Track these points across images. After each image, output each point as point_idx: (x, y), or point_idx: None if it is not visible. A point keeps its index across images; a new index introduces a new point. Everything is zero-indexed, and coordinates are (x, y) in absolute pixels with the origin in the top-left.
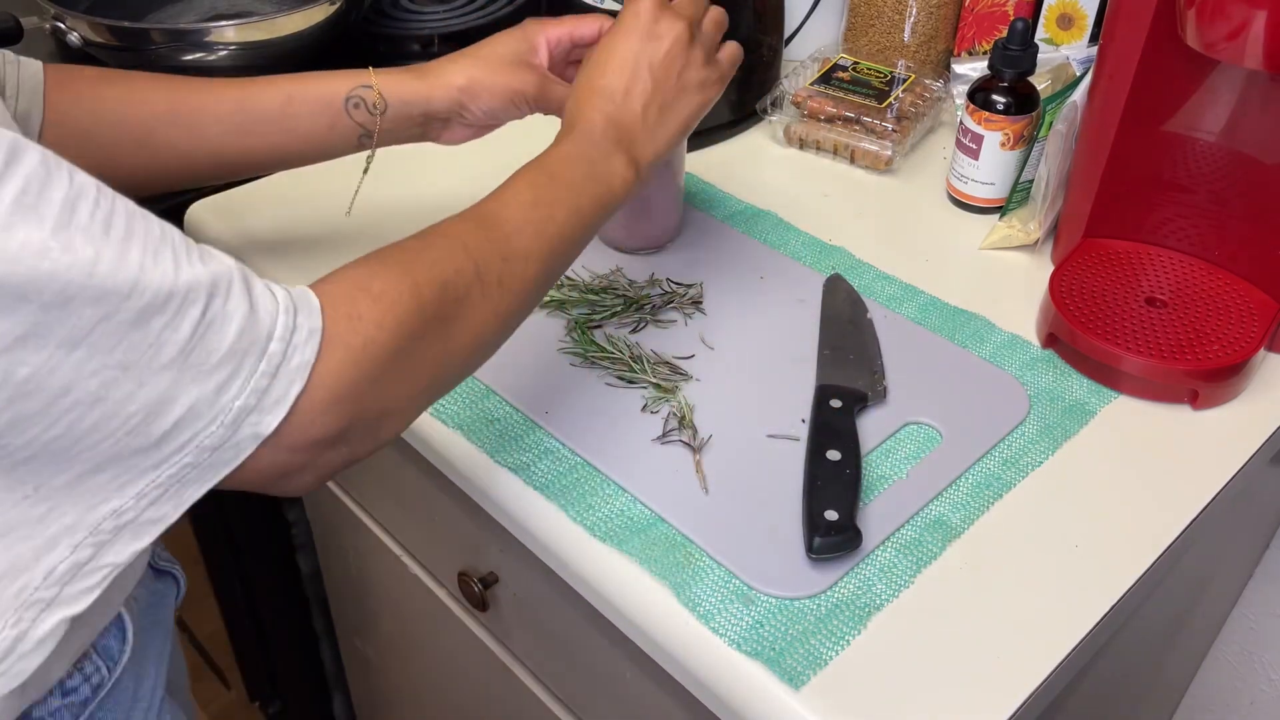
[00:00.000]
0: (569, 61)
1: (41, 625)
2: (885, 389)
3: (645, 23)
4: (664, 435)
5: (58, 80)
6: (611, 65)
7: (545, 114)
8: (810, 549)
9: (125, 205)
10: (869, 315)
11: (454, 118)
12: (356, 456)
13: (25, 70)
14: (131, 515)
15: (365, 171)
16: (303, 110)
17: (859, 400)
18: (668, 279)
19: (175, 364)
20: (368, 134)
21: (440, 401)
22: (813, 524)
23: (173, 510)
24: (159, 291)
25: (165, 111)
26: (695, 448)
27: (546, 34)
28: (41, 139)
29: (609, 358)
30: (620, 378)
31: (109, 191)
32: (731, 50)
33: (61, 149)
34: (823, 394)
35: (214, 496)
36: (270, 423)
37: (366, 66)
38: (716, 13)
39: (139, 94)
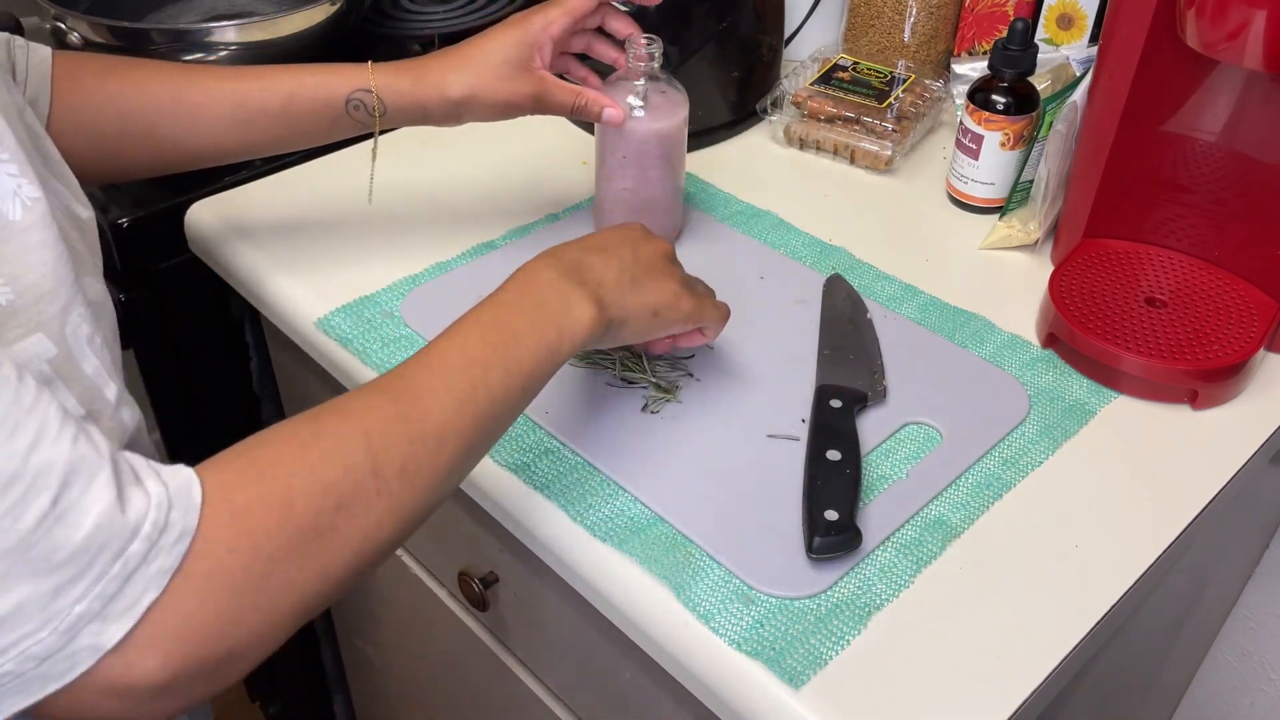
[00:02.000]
0: (567, 52)
1: None
2: (885, 389)
3: (638, 230)
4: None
5: (66, 70)
6: (592, 240)
7: (544, 115)
8: (810, 549)
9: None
10: (869, 315)
11: (452, 120)
12: (187, 707)
13: (34, 56)
14: None
15: (373, 160)
16: (304, 109)
17: (859, 400)
18: None
19: (10, 556)
20: (369, 120)
21: None
22: (813, 524)
23: None
24: (1, 473)
25: (168, 104)
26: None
27: (549, 31)
28: (50, 125)
29: (609, 358)
30: (621, 378)
31: None
32: (720, 306)
33: (72, 138)
34: (822, 394)
35: None
36: (114, 634)
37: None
38: (716, 307)
39: (142, 86)
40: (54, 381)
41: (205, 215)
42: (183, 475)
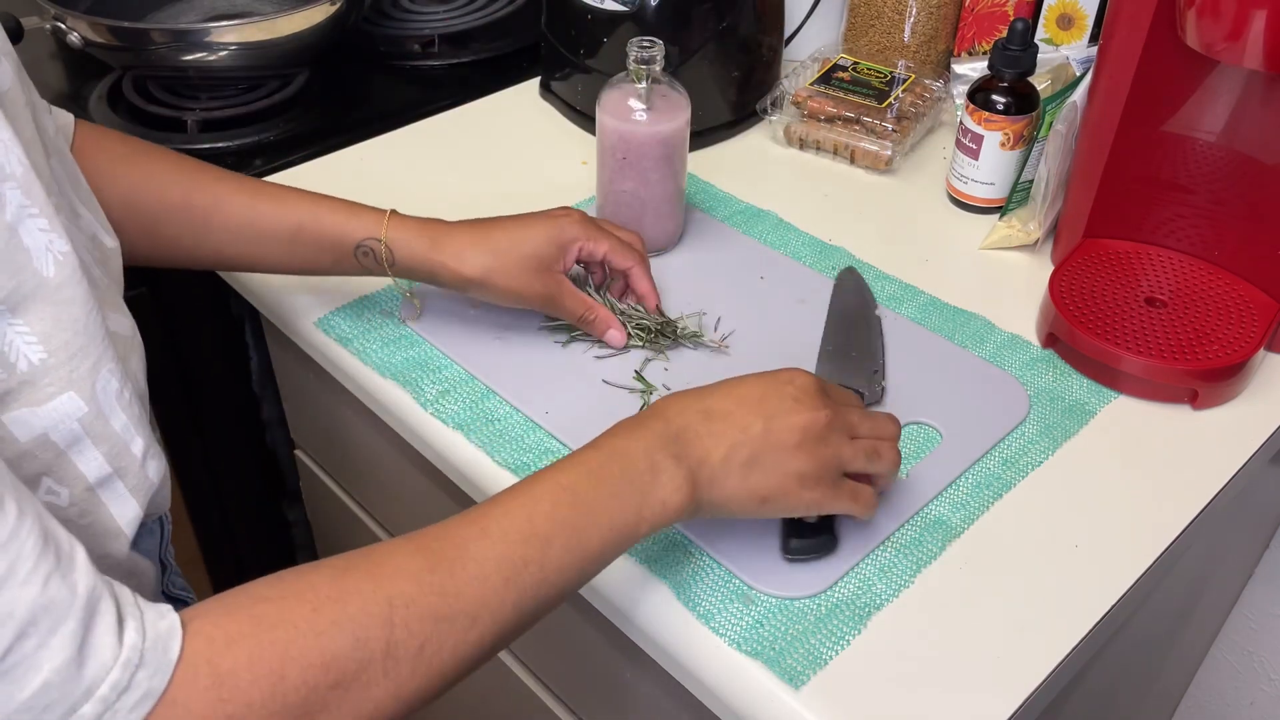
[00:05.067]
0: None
1: None
2: (884, 389)
3: (794, 388)
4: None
5: (86, 142)
6: (734, 392)
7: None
8: (785, 550)
9: None
10: (878, 312)
11: (458, 290)
12: None
13: (59, 119)
14: None
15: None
16: (311, 244)
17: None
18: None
19: None
20: (375, 267)
21: (441, 401)
22: (790, 525)
23: None
24: None
25: (177, 205)
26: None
27: (582, 245)
28: None
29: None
30: (641, 343)
31: None
32: (862, 493)
33: None
34: None
35: (215, 497)
36: None
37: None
38: (875, 445)
39: (156, 179)
40: (81, 440)
41: None
42: (165, 624)
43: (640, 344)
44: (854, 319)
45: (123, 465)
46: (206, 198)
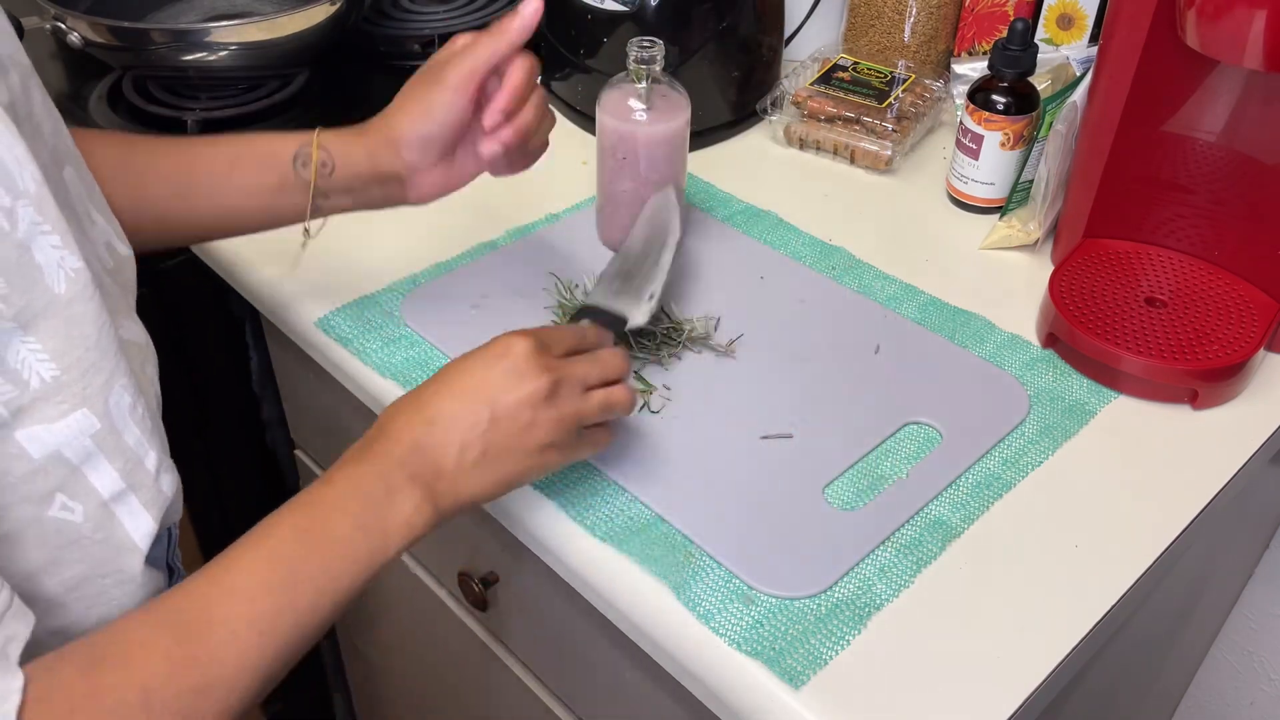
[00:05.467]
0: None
1: None
2: (653, 311)
3: (510, 360)
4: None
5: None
6: (453, 386)
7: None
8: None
9: None
10: (679, 237)
11: (404, 165)
12: None
13: None
14: None
15: (304, 242)
16: (251, 167)
17: (618, 324)
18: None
19: None
20: (321, 193)
21: None
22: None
23: None
24: None
25: (113, 167)
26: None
27: (472, 66)
28: None
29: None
30: (645, 354)
31: None
32: (598, 436)
33: None
34: (579, 316)
35: (215, 495)
36: None
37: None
38: (608, 395)
39: (88, 146)
40: (95, 455)
41: None
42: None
43: (644, 356)
44: (650, 241)
45: (136, 480)
46: (138, 158)
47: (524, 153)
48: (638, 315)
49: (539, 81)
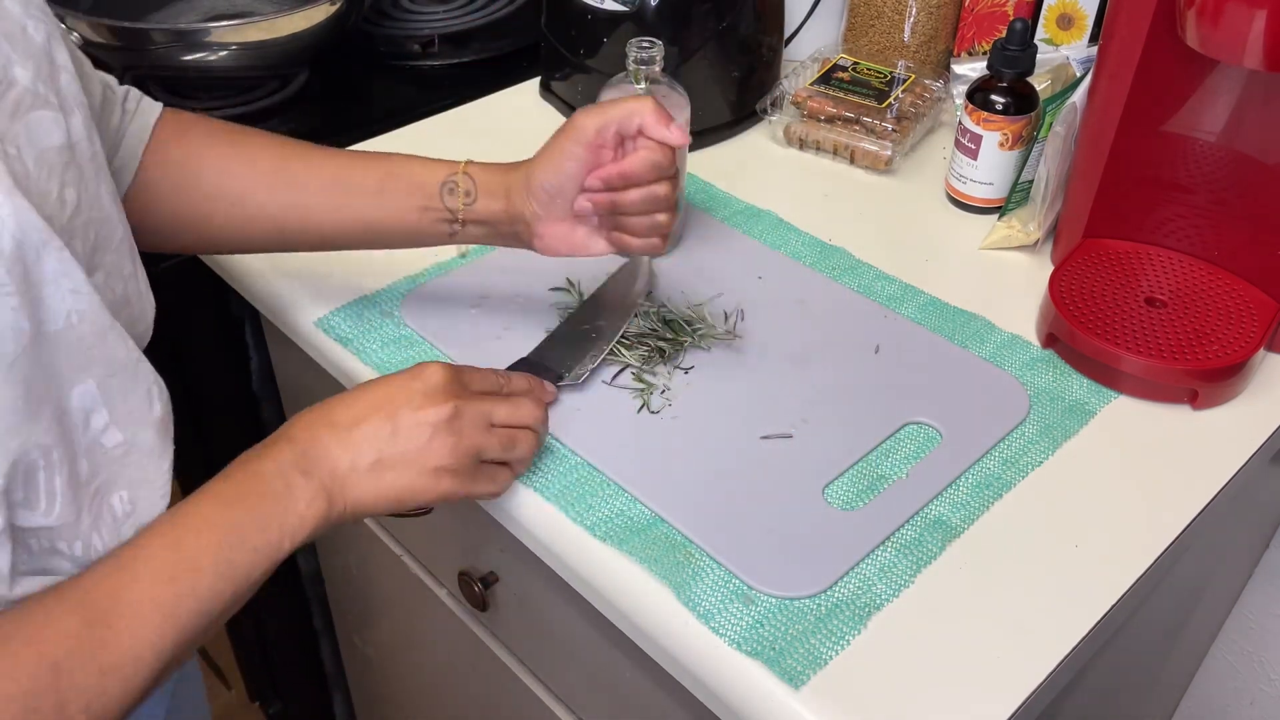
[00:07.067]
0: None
1: None
2: (590, 373)
3: (420, 383)
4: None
5: (175, 129)
6: (362, 398)
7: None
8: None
9: None
10: (644, 304)
11: (531, 211)
12: None
13: (138, 121)
14: None
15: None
16: (400, 189)
17: (552, 379)
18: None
19: None
20: (457, 222)
21: None
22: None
23: None
24: None
25: (268, 171)
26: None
27: (592, 121)
28: (135, 182)
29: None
30: (639, 353)
31: None
32: (498, 474)
33: (156, 197)
34: (515, 368)
35: None
36: None
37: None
38: (510, 435)
39: (248, 151)
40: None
41: None
42: None
43: (654, 362)
44: (612, 310)
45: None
46: (295, 163)
47: (633, 232)
48: (570, 377)
49: (669, 175)
